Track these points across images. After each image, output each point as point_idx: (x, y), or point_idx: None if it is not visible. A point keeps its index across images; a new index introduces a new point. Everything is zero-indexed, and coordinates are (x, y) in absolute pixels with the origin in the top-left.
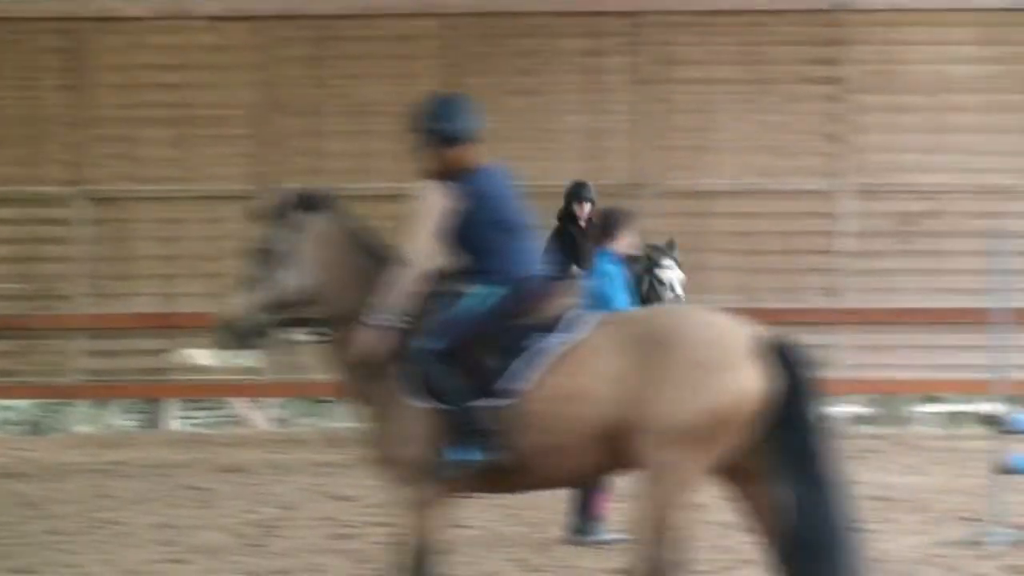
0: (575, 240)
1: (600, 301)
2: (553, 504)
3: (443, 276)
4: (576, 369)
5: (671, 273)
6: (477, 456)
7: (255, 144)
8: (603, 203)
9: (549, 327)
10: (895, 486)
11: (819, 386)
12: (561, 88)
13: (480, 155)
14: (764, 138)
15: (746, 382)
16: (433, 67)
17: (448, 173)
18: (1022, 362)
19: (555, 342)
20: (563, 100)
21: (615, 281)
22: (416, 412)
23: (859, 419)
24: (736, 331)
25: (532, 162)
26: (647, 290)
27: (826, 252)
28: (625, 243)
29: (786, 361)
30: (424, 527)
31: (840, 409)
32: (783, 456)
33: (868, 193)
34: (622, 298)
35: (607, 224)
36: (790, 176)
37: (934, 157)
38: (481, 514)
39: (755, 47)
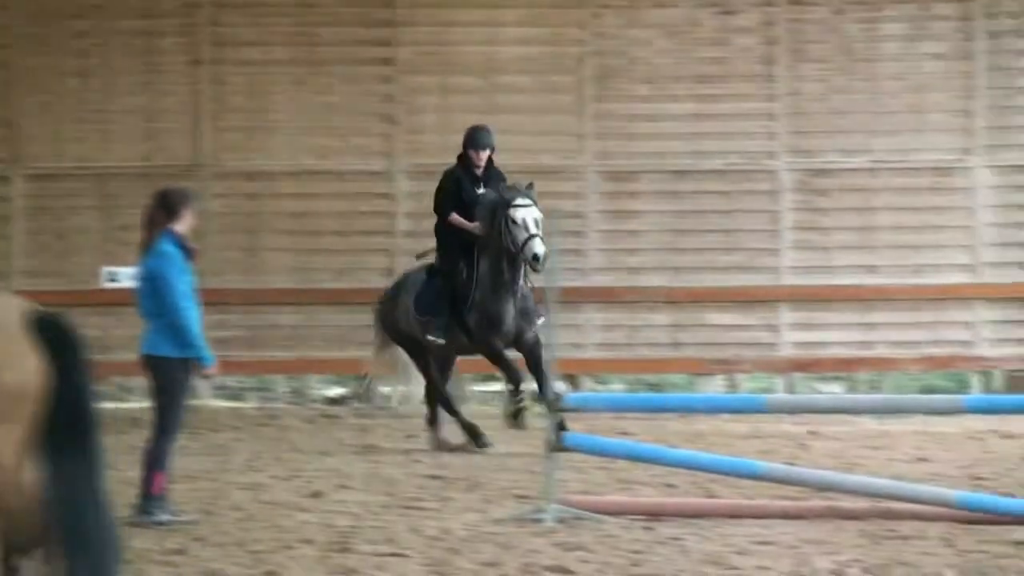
0: (462, 187)
1: (159, 282)
2: (117, 487)
3: None
4: None
5: (526, 211)
6: None
7: None
8: (161, 184)
9: None
10: (450, 464)
11: (90, 366)
12: (117, 69)
13: None
14: (320, 119)
15: (23, 359)
16: None
17: None
18: (572, 340)
19: None
20: (119, 81)
21: (174, 262)
22: None
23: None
24: (10, 307)
25: (89, 143)
26: (501, 229)
27: (386, 233)
28: (186, 223)
29: (60, 338)
30: None
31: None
32: (48, 436)
33: (423, 174)
34: (182, 279)
35: (168, 204)
36: (347, 157)
37: None
38: None
39: (309, 28)
